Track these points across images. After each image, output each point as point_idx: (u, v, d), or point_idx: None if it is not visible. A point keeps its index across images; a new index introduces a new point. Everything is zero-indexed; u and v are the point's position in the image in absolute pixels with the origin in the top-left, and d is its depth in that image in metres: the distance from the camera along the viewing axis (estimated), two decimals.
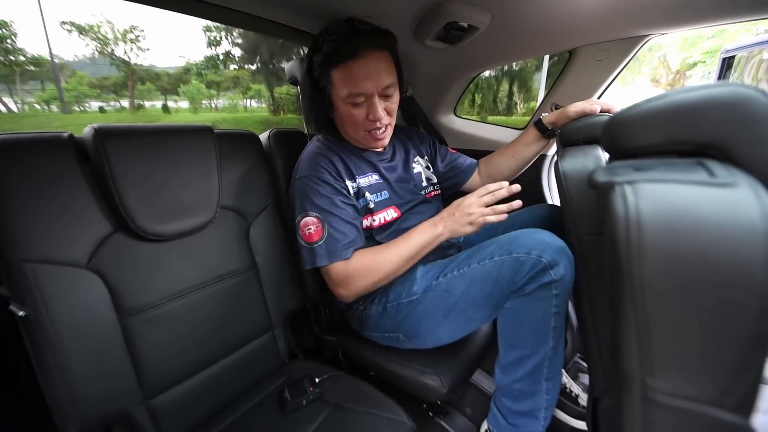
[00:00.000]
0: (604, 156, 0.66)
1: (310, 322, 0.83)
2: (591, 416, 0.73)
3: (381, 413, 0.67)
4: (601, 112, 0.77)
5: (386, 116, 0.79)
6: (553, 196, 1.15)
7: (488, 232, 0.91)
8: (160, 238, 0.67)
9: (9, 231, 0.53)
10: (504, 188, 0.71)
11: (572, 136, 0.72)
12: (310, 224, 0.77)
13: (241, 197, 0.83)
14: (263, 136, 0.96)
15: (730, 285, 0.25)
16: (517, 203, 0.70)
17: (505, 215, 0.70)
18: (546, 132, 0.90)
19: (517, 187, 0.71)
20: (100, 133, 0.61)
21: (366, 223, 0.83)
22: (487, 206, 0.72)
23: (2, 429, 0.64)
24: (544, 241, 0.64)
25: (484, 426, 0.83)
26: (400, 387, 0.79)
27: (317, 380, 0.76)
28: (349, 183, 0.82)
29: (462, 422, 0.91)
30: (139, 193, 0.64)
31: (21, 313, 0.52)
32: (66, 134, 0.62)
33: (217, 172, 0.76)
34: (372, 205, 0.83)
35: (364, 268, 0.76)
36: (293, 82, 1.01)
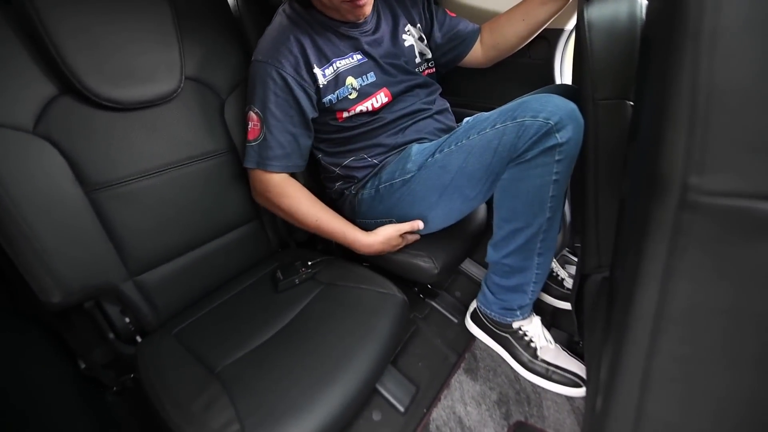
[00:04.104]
0: (643, 1, 0.55)
1: None
2: (576, 295, 0.75)
3: (373, 288, 0.68)
4: None
5: None
6: (564, 80, 1.03)
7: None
8: (117, 105, 0.59)
9: None
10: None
11: None
12: (249, 120, 0.71)
13: (210, 68, 0.72)
14: None
15: None
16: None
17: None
18: None
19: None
20: None
21: (346, 115, 0.74)
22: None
23: None
24: (554, 103, 0.57)
25: (473, 305, 0.87)
26: (392, 271, 0.80)
27: (309, 263, 0.76)
28: (319, 72, 0.70)
29: (452, 303, 0.96)
30: (80, 47, 0.54)
31: None
32: None
33: (174, 30, 0.65)
34: (354, 95, 0.73)
35: (289, 197, 0.75)
36: None
